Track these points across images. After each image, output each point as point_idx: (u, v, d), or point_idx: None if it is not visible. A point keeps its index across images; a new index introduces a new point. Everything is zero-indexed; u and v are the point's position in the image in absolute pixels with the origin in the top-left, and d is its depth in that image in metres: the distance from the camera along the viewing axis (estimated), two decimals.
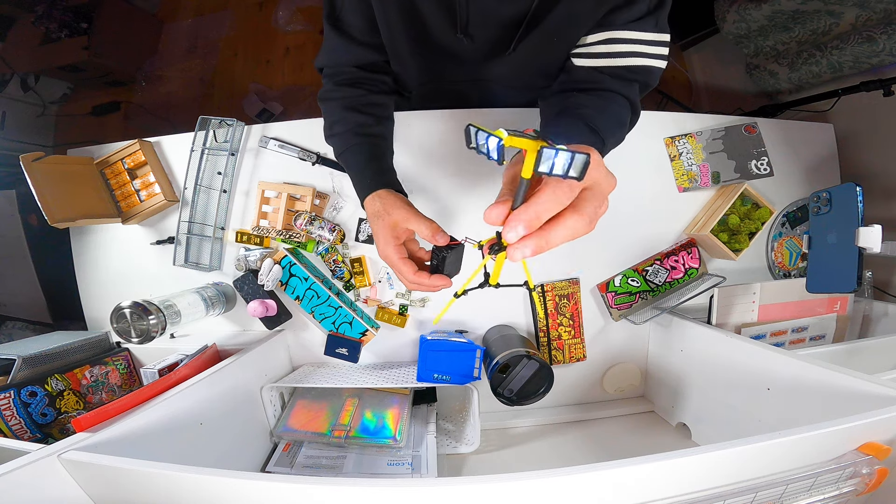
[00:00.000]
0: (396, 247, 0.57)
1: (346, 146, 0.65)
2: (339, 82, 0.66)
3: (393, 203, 0.58)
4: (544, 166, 0.29)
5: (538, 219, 0.32)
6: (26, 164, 0.72)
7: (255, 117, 1.95)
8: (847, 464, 0.41)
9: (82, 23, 1.81)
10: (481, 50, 0.65)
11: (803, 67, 1.16)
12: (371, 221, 0.60)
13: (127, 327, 0.68)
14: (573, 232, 0.33)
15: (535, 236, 0.32)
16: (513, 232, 0.32)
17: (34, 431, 0.62)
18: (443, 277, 0.55)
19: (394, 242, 0.56)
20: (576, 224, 0.33)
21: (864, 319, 0.86)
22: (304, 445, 0.74)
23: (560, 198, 0.32)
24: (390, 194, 0.60)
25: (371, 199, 0.60)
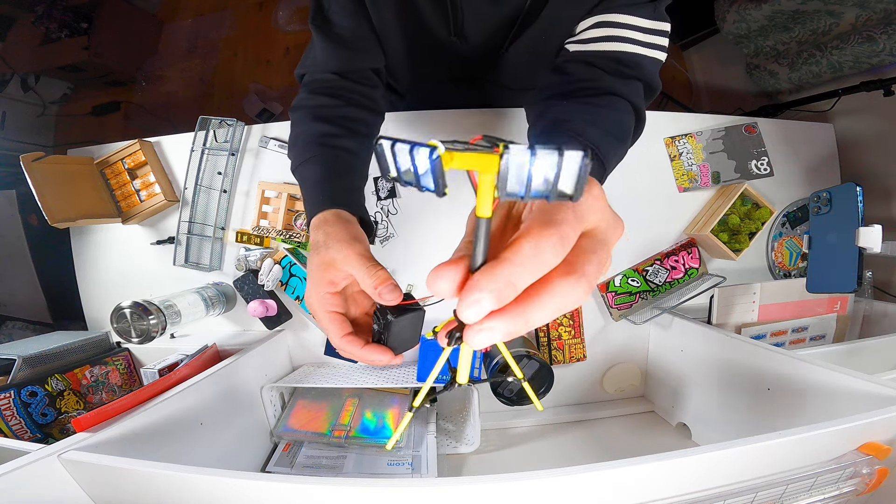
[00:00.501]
0: (326, 295, 0.42)
1: (303, 158, 0.53)
2: (314, 90, 0.59)
3: (338, 234, 0.43)
4: (514, 181, 0.18)
5: (512, 286, 0.20)
6: (26, 164, 0.72)
7: (255, 117, 1.95)
8: (847, 464, 0.41)
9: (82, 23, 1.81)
10: (475, 50, 0.65)
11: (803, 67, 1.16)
12: (309, 253, 0.45)
13: (127, 327, 0.68)
14: (566, 303, 0.22)
15: (507, 313, 0.21)
16: (472, 308, 0.20)
17: (34, 431, 0.62)
18: (382, 350, 0.40)
19: (325, 288, 0.42)
20: (571, 291, 0.21)
21: (864, 319, 0.86)
22: (304, 445, 0.74)
23: (546, 252, 0.21)
24: (340, 220, 0.45)
25: (317, 221, 0.46)
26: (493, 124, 0.83)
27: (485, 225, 0.21)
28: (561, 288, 0.22)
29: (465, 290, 0.20)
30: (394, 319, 0.39)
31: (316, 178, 0.51)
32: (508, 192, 0.19)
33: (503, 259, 0.21)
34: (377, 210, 0.83)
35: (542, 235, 0.21)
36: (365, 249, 0.42)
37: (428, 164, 0.19)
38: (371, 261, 0.41)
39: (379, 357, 0.40)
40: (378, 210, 0.83)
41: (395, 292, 0.39)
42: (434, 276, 0.22)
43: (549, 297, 0.21)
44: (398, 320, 0.39)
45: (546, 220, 0.22)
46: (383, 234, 0.83)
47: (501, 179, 0.19)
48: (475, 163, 0.19)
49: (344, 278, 0.42)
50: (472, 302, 0.20)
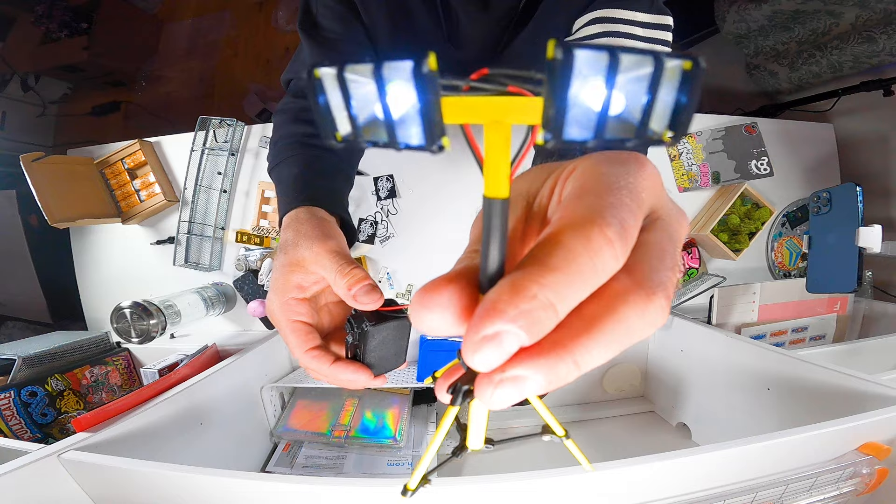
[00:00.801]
0: (291, 301, 0.35)
1: (281, 158, 0.49)
2: (298, 94, 0.57)
3: (309, 231, 0.38)
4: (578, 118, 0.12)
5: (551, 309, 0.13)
6: (26, 164, 0.72)
7: (255, 117, 1.95)
8: (847, 464, 0.41)
9: (82, 23, 1.81)
10: (470, 54, 0.64)
11: (803, 67, 1.16)
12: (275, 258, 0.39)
13: (127, 327, 0.68)
14: (636, 330, 0.14)
15: (545, 353, 0.13)
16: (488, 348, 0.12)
17: (34, 431, 0.62)
18: (357, 368, 0.32)
19: (290, 293, 0.35)
20: (643, 312, 0.14)
21: (864, 319, 0.86)
22: (304, 445, 0.74)
23: (601, 251, 0.13)
24: (313, 218, 0.40)
25: (288, 219, 0.41)
26: None
27: (500, 211, 0.13)
28: (629, 308, 0.14)
29: (475, 321, 0.13)
30: (371, 329, 0.31)
31: (293, 176, 0.46)
32: (567, 136, 0.12)
33: (535, 266, 0.13)
34: (377, 210, 0.83)
35: (593, 226, 0.13)
36: (339, 246, 0.36)
37: (413, 99, 0.12)
38: (345, 258, 0.35)
39: (351, 377, 0.32)
40: (378, 210, 0.83)
41: (374, 294, 0.32)
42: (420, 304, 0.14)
43: (611, 324, 0.13)
44: (377, 330, 0.31)
45: (592, 204, 0.14)
46: (383, 234, 0.83)
47: (555, 117, 0.11)
48: (489, 106, 0.12)
49: (314, 282, 0.36)
50: (486, 339, 0.12)
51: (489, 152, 0.13)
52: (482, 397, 0.13)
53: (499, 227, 0.13)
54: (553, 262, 0.13)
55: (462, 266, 0.16)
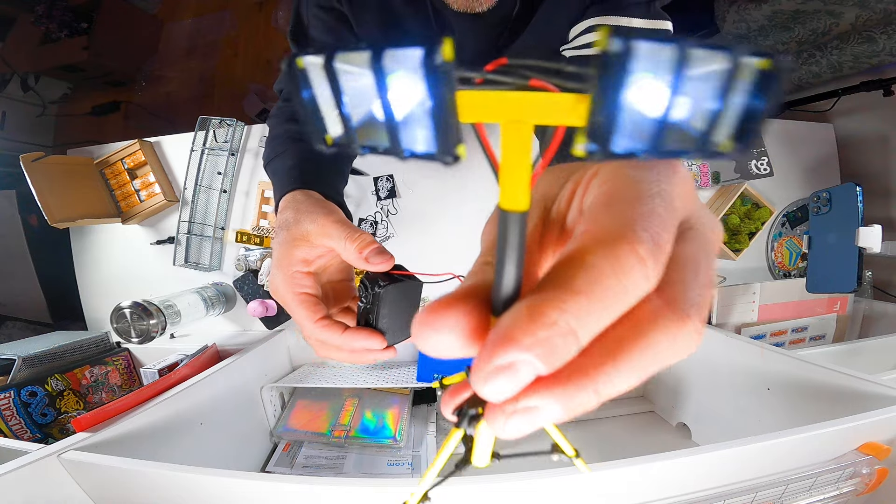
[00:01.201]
0: (296, 274, 0.35)
1: (276, 153, 0.49)
2: (290, 97, 0.57)
3: (310, 207, 0.38)
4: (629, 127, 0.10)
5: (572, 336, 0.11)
6: (26, 164, 0.72)
7: (255, 117, 1.95)
8: (847, 464, 0.41)
9: (82, 23, 1.81)
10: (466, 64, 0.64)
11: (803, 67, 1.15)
12: (274, 235, 0.38)
13: (127, 327, 0.68)
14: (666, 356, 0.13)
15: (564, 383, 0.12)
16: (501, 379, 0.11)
17: (34, 431, 0.62)
18: (369, 334, 0.32)
19: (295, 266, 0.35)
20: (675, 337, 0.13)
21: (864, 319, 0.86)
22: (304, 445, 0.74)
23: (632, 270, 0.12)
24: (311, 198, 0.40)
25: (285, 201, 0.40)
26: None
27: (518, 225, 0.12)
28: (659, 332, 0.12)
29: (488, 349, 0.11)
30: (385, 289, 0.30)
31: (287, 167, 0.46)
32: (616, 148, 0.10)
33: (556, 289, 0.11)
34: (377, 210, 0.83)
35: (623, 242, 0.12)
36: (342, 217, 0.36)
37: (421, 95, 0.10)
38: (351, 226, 0.34)
39: (365, 343, 0.31)
40: (378, 210, 0.83)
41: (385, 255, 0.32)
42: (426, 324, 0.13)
43: (638, 350, 0.12)
44: (390, 290, 0.31)
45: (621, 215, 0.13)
46: (383, 234, 0.83)
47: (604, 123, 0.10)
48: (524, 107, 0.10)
49: (319, 255, 0.36)
50: (498, 369, 0.11)
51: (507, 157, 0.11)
52: (493, 426, 0.13)
53: (516, 242, 0.12)
54: (577, 284, 0.11)
55: (472, 283, 0.14)
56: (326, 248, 0.35)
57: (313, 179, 0.44)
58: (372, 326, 0.32)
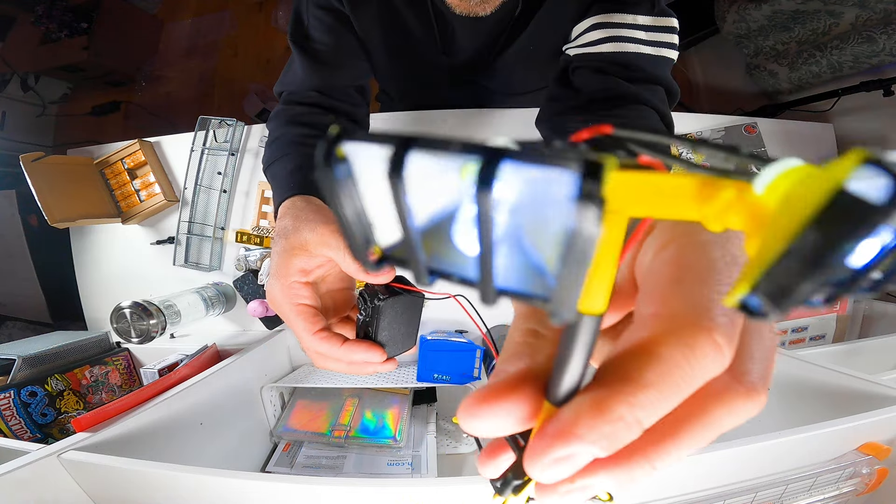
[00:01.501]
0: (294, 284, 0.34)
1: (276, 157, 0.49)
2: (291, 101, 0.58)
3: (309, 215, 0.37)
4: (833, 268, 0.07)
5: (637, 425, 0.11)
6: (26, 164, 0.72)
7: (255, 117, 1.95)
8: (847, 464, 0.41)
9: (82, 23, 1.81)
10: (465, 61, 0.64)
11: (803, 67, 1.15)
12: (273, 244, 0.38)
13: (127, 327, 0.68)
14: (724, 430, 0.12)
15: (621, 463, 0.12)
16: (559, 467, 0.11)
17: (34, 431, 0.62)
18: (368, 347, 0.32)
19: (293, 276, 0.34)
20: (740, 412, 0.12)
21: (864, 319, 0.86)
22: (304, 445, 0.74)
23: (706, 357, 0.11)
24: (311, 204, 0.39)
25: (285, 207, 0.40)
26: (492, 125, 0.83)
27: (592, 329, 0.11)
28: (724, 409, 0.12)
29: (548, 440, 0.11)
30: (384, 302, 0.30)
31: (287, 171, 0.45)
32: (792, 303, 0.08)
33: (624, 382, 0.11)
34: None
35: (700, 332, 0.11)
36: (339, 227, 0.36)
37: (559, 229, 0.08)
38: None
39: (365, 356, 0.31)
40: None
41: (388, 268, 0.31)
42: (477, 415, 0.12)
43: (700, 427, 0.12)
44: (390, 303, 0.30)
45: (696, 297, 0.11)
46: None
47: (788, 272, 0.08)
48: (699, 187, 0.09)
49: (318, 265, 0.35)
50: (559, 459, 0.11)
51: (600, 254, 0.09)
52: (544, 499, 0.12)
53: (587, 343, 0.11)
54: (647, 378, 0.11)
55: (525, 367, 0.13)
56: (325, 258, 0.34)
57: (313, 185, 0.42)
58: (371, 339, 0.32)
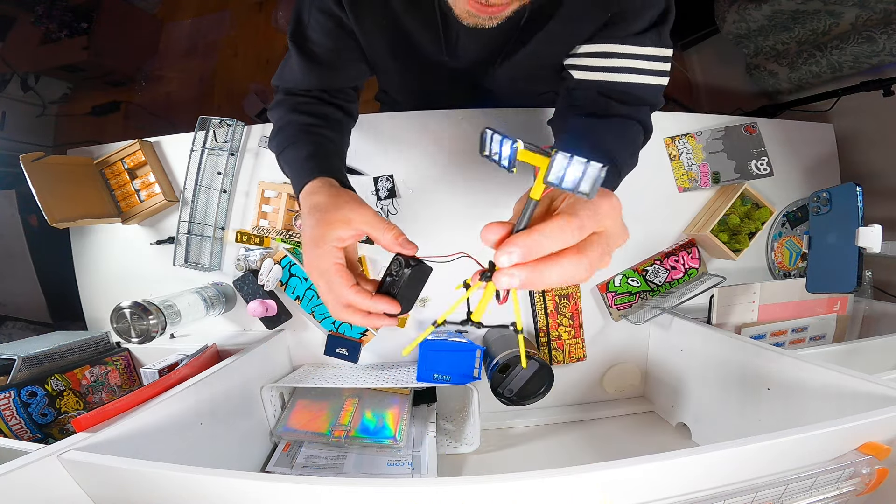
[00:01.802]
0: (334, 249, 0.43)
1: (287, 143, 0.55)
2: (289, 92, 0.63)
3: (343, 195, 0.45)
4: (554, 175, 0.26)
5: (538, 248, 0.28)
6: (26, 164, 0.72)
7: (255, 117, 1.95)
8: (847, 464, 0.41)
9: (82, 23, 1.81)
10: (467, 66, 0.65)
11: (803, 67, 1.16)
12: (307, 216, 0.45)
13: (127, 327, 0.68)
14: (570, 275, 0.29)
15: (528, 267, 0.28)
16: (506, 255, 0.27)
17: (34, 431, 0.62)
18: (391, 301, 0.42)
19: (334, 243, 0.42)
20: (575, 267, 0.29)
21: (864, 319, 0.86)
22: (304, 445, 0.74)
23: (567, 234, 0.28)
24: (335, 185, 0.48)
25: (312, 186, 0.47)
26: (494, 123, 0.83)
27: (532, 205, 0.29)
28: (570, 262, 0.29)
29: (505, 243, 0.28)
30: (412, 269, 0.41)
31: (304, 156, 0.53)
32: (549, 180, 0.26)
33: (535, 229, 0.28)
34: (377, 210, 0.83)
35: (567, 221, 0.29)
36: (373, 209, 0.45)
37: (510, 152, 0.28)
38: (384, 218, 0.44)
39: (387, 307, 0.42)
40: (378, 210, 0.83)
41: (412, 244, 0.43)
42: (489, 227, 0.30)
43: (559, 266, 0.29)
44: (414, 270, 0.41)
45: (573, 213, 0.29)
46: None
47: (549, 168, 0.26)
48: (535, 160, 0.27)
49: (352, 237, 0.44)
50: (507, 251, 0.28)
51: (538, 178, 0.27)
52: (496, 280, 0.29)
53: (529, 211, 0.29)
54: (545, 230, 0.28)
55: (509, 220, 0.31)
56: (360, 233, 0.44)
57: (332, 168, 0.51)
58: (391, 295, 0.42)
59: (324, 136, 0.58)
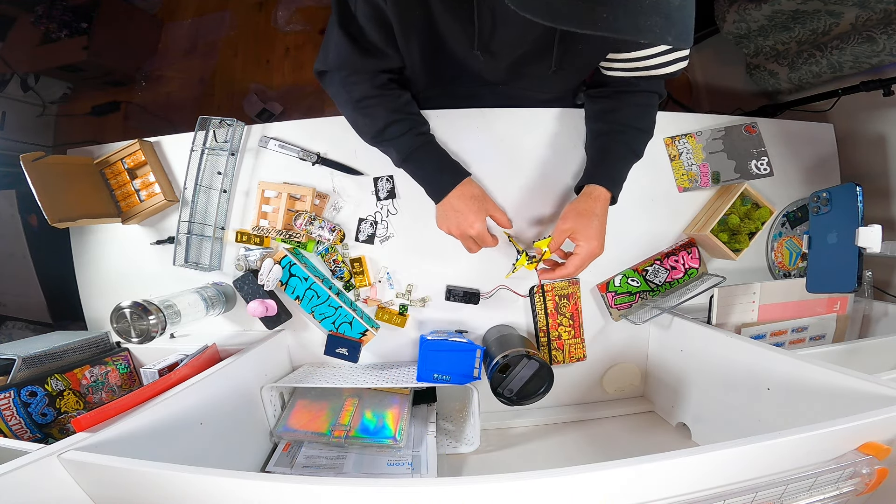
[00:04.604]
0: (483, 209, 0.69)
1: (414, 145, 0.70)
2: (374, 84, 0.69)
3: (486, 195, 0.71)
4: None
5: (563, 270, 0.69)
6: (26, 164, 0.72)
7: (255, 117, 1.95)
8: (847, 464, 0.41)
9: (82, 23, 1.81)
10: (498, 63, 0.67)
11: (803, 67, 1.15)
12: (466, 202, 0.68)
13: (127, 327, 0.68)
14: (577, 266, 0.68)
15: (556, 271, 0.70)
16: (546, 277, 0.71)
17: (34, 431, 0.62)
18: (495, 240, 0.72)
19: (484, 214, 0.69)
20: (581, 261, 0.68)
21: (864, 319, 0.86)
22: (304, 445, 0.74)
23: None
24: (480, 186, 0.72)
25: (469, 182, 0.70)
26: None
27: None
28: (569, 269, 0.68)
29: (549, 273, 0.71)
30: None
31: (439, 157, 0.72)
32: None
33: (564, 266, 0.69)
34: (377, 210, 0.83)
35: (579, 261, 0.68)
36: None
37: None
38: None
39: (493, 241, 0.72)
40: (378, 210, 0.83)
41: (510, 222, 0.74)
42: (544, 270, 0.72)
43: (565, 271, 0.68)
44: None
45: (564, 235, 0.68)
46: (383, 234, 0.83)
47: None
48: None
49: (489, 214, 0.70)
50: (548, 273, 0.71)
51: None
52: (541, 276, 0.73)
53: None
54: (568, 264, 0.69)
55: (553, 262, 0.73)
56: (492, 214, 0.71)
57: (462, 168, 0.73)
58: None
59: (431, 135, 0.74)
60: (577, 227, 0.67)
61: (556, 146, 0.84)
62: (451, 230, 0.70)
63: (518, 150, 0.83)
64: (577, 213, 0.68)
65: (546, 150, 0.84)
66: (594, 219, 0.67)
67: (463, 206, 0.68)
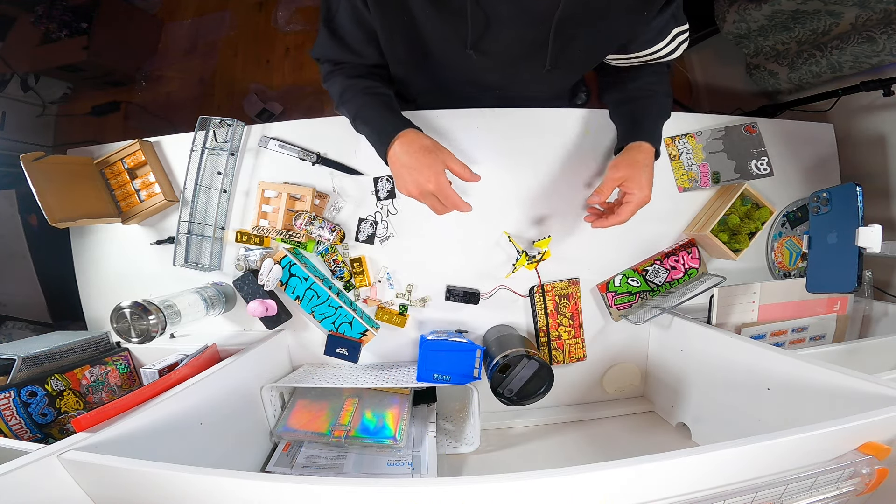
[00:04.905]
0: (440, 161, 0.62)
1: (361, 103, 0.68)
2: (339, 64, 0.71)
3: (438, 145, 0.63)
4: None
5: (615, 215, 0.70)
6: (26, 164, 0.72)
7: (255, 117, 1.95)
8: (847, 464, 0.41)
9: (82, 23, 1.81)
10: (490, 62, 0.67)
11: (803, 67, 1.15)
12: (416, 156, 0.61)
13: (127, 327, 0.68)
14: (630, 211, 0.69)
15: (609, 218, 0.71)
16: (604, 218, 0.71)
17: (34, 431, 0.62)
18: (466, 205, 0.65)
19: (443, 165, 0.62)
20: (634, 205, 0.69)
21: (864, 319, 0.86)
22: (304, 445, 0.74)
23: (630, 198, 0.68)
24: (430, 136, 0.65)
25: (415, 133, 0.64)
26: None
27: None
28: (622, 216, 0.69)
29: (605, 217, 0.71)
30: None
31: (383, 112, 0.67)
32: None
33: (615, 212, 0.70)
34: (377, 210, 0.83)
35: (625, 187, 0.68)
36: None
37: None
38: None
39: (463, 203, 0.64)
40: (378, 210, 0.83)
41: (474, 175, 0.64)
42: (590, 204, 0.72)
43: (617, 217, 0.70)
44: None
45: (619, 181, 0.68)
46: (383, 234, 0.83)
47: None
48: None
49: (447, 166, 0.63)
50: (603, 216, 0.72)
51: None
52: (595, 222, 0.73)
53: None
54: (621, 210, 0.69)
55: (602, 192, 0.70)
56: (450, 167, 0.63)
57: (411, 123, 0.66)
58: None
59: (388, 96, 0.70)
60: (631, 176, 0.67)
61: (557, 146, 0.84)
62: (411, 191, 0.62)
63: (518, 150, 0.83)
64: (628, 162, 0.68)
65: (546, 151, 0.84)
66: (645, 168, 0.68)
67: (413, 161, 0.61)
